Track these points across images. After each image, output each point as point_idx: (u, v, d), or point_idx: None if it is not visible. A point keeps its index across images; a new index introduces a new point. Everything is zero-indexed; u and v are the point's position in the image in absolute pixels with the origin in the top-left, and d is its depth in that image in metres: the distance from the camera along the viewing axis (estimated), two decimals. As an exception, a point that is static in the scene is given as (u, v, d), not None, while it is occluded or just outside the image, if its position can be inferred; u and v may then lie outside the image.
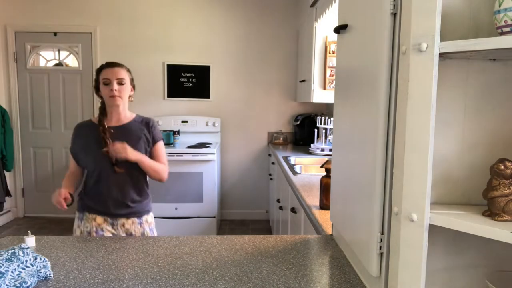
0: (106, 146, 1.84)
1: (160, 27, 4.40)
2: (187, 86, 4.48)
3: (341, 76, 1.27)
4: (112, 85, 1.86)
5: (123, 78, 1.90)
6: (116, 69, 1.90)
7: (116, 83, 1.87)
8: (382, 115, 0.89)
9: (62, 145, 4.55)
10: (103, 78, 1.88)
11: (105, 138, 1.87)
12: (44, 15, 4.36)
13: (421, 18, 0.75)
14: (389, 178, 0.88)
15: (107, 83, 1.87)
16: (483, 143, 0.88)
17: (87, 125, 1.97)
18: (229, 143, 4.59)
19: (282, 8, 4.46)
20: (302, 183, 2.30)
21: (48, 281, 1.01)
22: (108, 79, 1.87)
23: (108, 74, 1.87)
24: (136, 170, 1.92)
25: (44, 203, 4.60)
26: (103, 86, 1.88)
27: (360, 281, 1.05)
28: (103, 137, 1.88)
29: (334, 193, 1.35)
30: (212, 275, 1.05)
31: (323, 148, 3.59)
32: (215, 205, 3.99)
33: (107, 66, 1.92)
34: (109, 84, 1.87)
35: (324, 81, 3.51)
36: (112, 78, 1.87)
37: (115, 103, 1.89)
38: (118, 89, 1.87)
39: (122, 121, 1.95)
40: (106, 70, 1.89)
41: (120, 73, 1.89)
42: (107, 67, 1.91)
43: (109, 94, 1.87)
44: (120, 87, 1.88)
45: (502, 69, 0.87)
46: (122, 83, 1.89)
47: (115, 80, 1.87)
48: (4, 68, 4.39)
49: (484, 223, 0.75)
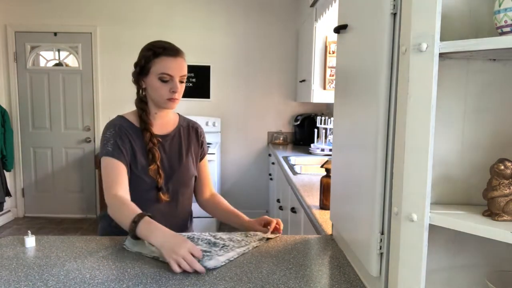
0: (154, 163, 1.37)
1: (160, 27, 4.40)
2: (187, 86, 4.46)
3: (341, 76, 1.27)
4: (175, 85, 1.35)
5: (185, 74, 1.39)
6: (180, 60, 1.37)
7: (179, 81, 1.37)
8: (382, 115, 0.89)
9: (62, 145, 4.56)
10: (161, 73, 1.34)
11: (153, 150, 1.38)
12: (44, 15, 4.36)
13: (421, 18, 0.75)
14: (389, 178, 0.88)
15: (166, 80, 1.34)
16: (483, 143, 0.88)
17: (130, 128, 1.41)
18: (229, 143, 4.59)
19: (282, 8, 4.46)
20: (302, 183, 2.30)
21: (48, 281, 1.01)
22: (170, 76, 1.34)
23: (171, 67, 1.34)
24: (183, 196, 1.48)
25: (44, 203, 4.61)
26: (158, 82, 1.35)
27: (360, 281, 1.05)
28: (150, 148, 1.38)
29: (334, 193, 1.35)
30: (212, 275, 1.05)
31: (323, 148, 3.59)
32: (215, 205, 3.98)
33: (170, 54, 1.35)
34: (170, 82, 1.35)
35: (324, 81, 3.51)
36: (175, 75, 1.35)
37: (171, 107, 1.41)
38: (179, 90, 1.37)
39: (168, 127, 1.48)
40: (166, 60, 1.34)
41: (184, 68, 1.38)
42: (170, 56, 1.35)
43: (167, 96, 1.35)
44: (181, 86, 1.38)
45: (502, 69, 0.87)
46: (183, 80, 1.38)
47: (178, 77, 1.36)
48: (4, 68, 4.39)
49: (484, 223, 0.75)
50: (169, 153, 1.45)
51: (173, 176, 1.44)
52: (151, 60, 1.35)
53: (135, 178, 1.37)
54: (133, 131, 1.40)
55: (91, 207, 4.62)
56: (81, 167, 4.55)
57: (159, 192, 1.39)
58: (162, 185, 1.40)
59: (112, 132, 1.38)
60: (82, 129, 4.54)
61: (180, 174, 1.46)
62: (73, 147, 4.55)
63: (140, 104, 1.43)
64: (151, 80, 1.36)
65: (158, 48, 1.36)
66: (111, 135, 1.37)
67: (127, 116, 1.45)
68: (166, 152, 1.44)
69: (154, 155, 1.38)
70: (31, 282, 1.01)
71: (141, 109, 1.42)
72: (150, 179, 1.38)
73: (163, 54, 1.35)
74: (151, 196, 1.39)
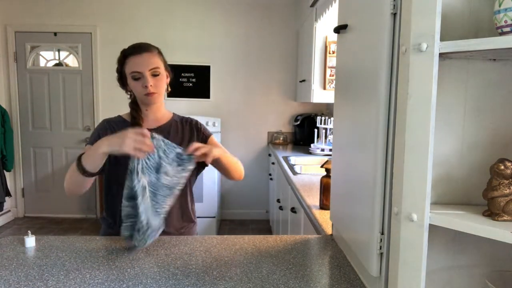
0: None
1: (160, 27, 4.40)
2: (187, 86, 4.49)
3: (341, 76, 1.27)
4: (145, 80, 1.41)
5: (157, 66, 1.43)
6: (146, 56, 1.42)
7: (150, 76, 1.41)
8: (382, 115, 0.89)
9: (62, 145, 4.56)
10: (131, 72, 1.42)
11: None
12: (44, 15, 4.36)
13: (421, 18, 0.75)
14: (389, 178, 0.88)
15: (137, 78, 1.41)
16: (483, 143, 0.88)
17: (119, 122, 1.50)
18: (229, 143, 4.59)
19: (282, 8, 4.47)
20: (302, 183, 2.30)
21: (48, 281, 1.01)
22: (139, 73, 1.41)
23: (138, 65, 1.41)
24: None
25: (44, 203, 4.61)
26: (132, 81, 1.43)
27: (360, 281, 1.05)
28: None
29: (334, 193, 1.35)
30: (212, 275, 1.05)
31: (323, 148, 3.59)
32: (215, 205, 3.99)
33: (133, 53, 1.42)
34: (141, 78, 1.41)
35: (324, 81, 3.51)
36: (144, 70, 1.40)
37: (152, 102, 1.47)
38: (153, 83, 1.42)
39: (160, 120, 1.53)
40: (133, 59, 1.42)
41: (152, 61, 1.42)
42: (134, 54, 1.42)
43: (143, 92, 1.42)
44: (155, 80, 1.42)
45: (502, 69, 0.87)
46: (156, 73, 1.42)
47: (147, 71, 1.41)
48: (4, 68, 4.39)
49: (484, 223, 0.75)
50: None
51: None
52: (123, 62, 1.46)
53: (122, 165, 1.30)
54: (124, 125, 1.46)
55: (91, 207, 4.62)
56: (81, 167, 4.54)
57: None
58: None
59: (100, 127, 1.51)
60: (82, 129, 4.54)
61: None
62: (73, 147, 4.55)
63: (132, 105, 1.53)
64: (128, 81, 1.46)
65: (127, 50, 1.46)
66: (98, 129, 1.49)
67: (123, 115, 1.56)
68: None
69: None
70: (31, 282, 1.01)
71: (133, 109, 1.52)
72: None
73: (130, 55, 1.44)
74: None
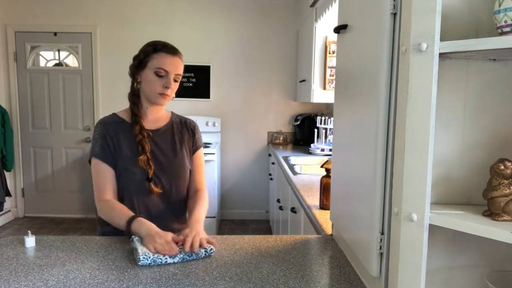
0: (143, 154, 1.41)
1: (160, 27, 4.40)
2: (187, 86, 4.48)
3: (341, 76, 1.27)
4: (169, 81, 1.41)
5: (181, 74, 1.46)
6: (177, 59, 1.44)
7: (173, 79, 1.43)
8: (382, 115, 0.89)
9: (62, 145, 4.56)
10: (158, 67, 1.40)
11: (142, 142, 1.42)
12: (44, 15, 4.36)
13: (421, 18, 0.75)
14: (389, 178, 0.88)
15: (161, 75, 1.41)
16: (483, 143, 0.88)
17: (116, 123, 1.48)
18: (229, 143, 4.59)
19: (282, 8, 4.47)
20: (302, 183, 2.30)
21: (48, 281, 1.01)
22: (166, 72, 1.41)
23: (168, 64, 1.41)
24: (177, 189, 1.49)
25: (44, 203, 4.61)
26: (153, 76, 1.41)
27: (360, 281, 1.05)
28: (139, 141, 1.42)
29: (334, 193, 1.35)
30: (212, 275, 1.05)
31: (323, 148, 3.59)
32: (215, 205, 3.99)
33: (167, 51, 1.43)
34: (164, 77, 1.41)
35: (324, 81, 3.51)
36: (171, 71, 1.41)
37: (161, 103, 1.47)
38: (172, 87, 1.43)
39: (160, 122, 1.53)
40: (164, 57, 1.41)
41: (180, 66, 1.45)
42: (168, 53, 1.42)
43: (160, 91, 1.42)
44: (174, 85, 1.44)
45: (502, 69, 0.87)
46: (177, 79, 1.45)
47: (173, 75, 1.42)
48: (4, 68, 4.39)
49: (484, 223, 0.75)
50: (161, 146, 1.49)
51: (166, 168, 1.47)
52: (150, 54, 1.42)
53: (124, 171, 1.42)
54: (122, 126, 1.47)
55: (91, 207, 4.62)
56: (81, 167, 4.55)
57: (151, 183, 1.42)
58: (153, 176, 1.43)
59: (99, 132, 1.46)
60: (82, 129, 4.54)
61: (173, 166, 1.49)
62: (73, 147, 4.55)
63: (132, 98, 1.49)
64: (147, 74, 1.42)
65: (159, 45, 1.44)
66: (98, 136, 1.45)
67: (119, 113, 1.52)
68: (157, 145, 1.48)
69: (143, 147, 1.42)
70: (31, 282, 1.01)
71: (133, 103, 1.48)
72: (139, 170, 1.42)
73: (162, 51, 1.42)
74: (143, 187, 1.43)
